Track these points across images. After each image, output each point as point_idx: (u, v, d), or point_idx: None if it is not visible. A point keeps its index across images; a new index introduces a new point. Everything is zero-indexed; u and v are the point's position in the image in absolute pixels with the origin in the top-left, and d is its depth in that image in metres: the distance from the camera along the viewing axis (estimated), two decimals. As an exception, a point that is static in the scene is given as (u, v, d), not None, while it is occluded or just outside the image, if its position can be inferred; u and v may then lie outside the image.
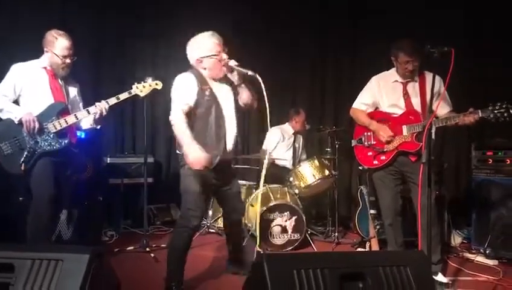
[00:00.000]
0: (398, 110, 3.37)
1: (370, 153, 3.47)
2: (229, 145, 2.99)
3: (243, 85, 3.06)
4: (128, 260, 3.85)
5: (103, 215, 4.70)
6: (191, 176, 2.89)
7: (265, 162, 3.01)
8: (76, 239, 3.89)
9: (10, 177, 3.10)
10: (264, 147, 5.10)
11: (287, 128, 5.33)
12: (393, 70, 3.45)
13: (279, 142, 5.24)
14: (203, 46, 2.93)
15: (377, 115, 3.49)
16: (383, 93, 3.46)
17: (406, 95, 3.35)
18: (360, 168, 4.53)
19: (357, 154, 3.59)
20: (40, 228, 3.03)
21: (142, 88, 3.31)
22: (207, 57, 2.91)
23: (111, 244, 4.31)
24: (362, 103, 3.58)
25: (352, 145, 3.61)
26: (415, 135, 3.25)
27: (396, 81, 3.40)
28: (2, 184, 3.49)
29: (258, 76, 2.82)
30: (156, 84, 3.36)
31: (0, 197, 3.62)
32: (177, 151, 2.99)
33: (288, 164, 5.19)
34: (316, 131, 5.44)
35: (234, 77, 3.04)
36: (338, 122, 5.86)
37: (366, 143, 3.49)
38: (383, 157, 3.39)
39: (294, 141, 5.32)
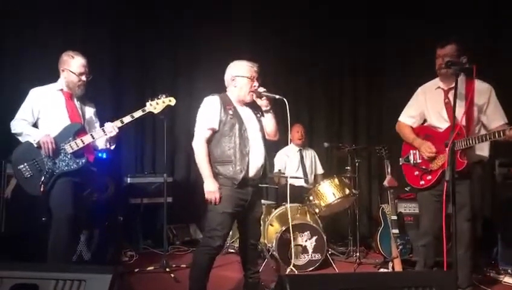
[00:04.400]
0: (444, 122, 3.16)
1: (417, 173, 3.29)
2: (256, 165, 3.03)
3: (270, 112, 3.17)
4: (148, 280, 3.84)
5: (123, 235, 4.73)
6: (221, 196, 2.93)
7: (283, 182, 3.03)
8: (97, 259, 3.91)
9: (33, 198, 3.15)
10: (276, 169, 5.08)
11: (290, 146, 5.31)
12: (438, 79, 3.27)
13: (287, 163, 5.23)
14: (239, 67, 3.10)
15: (423, 130, 3.32)
16: (427, 103, 3.29)
17: (447, 104, 3.14)
18: (407, 189, 4.37)
19: (405, 173, 3.40)
20: (61, 248, 3.06)
21: (155, 105, 3.36)
22: (240, 76, 3.05)
23: (131, 265, 4.31)
24: (408, 116, 3.41)
25: (400, 163, 3.44)
26: (459, 151, 2.98)
27: (439, 87, 3.23)
28: (25, 204, 3.55)
29: (285, 99, 3.02)
30: (170, 100, 3.40)
31: (25, 217, 3.69)
32: None
33: (303, 182, 5.16)
34: (335, 149, 5.41)
35: (263, 103, 3.14)
36: (357, 140, 5.83)
37: (412, 162, 3.31)
38: (429, 177, 3.20)
39: (301, 157, 5.30)
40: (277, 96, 3.08)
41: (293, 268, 3.54)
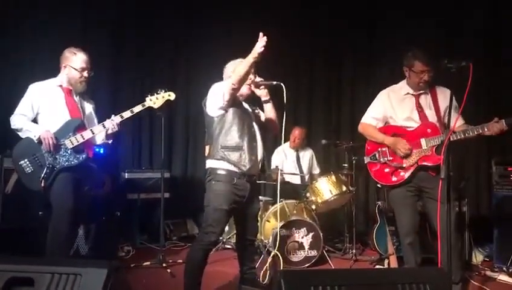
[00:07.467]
0: (414, 123, 3.27)
1: (387, 170, 3.31)
2: (259, 158, 3.07)
3: (270, 102, 3.18)
4: (145, 275, 3.85)
5: (120, 230, 4.74)
6: (218, 192, 2.93)
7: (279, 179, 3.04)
8: (94, 254, 3.91)
9: (31, 192, 3.15)
10: (273, 166, 5.08)
11: (288, 144, 5.32)
12: (403, 83, 3.37)
13: (283, 162, 5.23)
14: (235, 64, 3.09)
15: (391, 129, 3.36)
16: (395, 106, 3.35)
17: (419, 108, 3.26)
18: (379, 185, 4.42)
19: (372, 172, 3.41)
20: (59, 242, 3.06)
21: (155, 100, 3.36)
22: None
23: (127, 260, 4.33)
24: (373, 117, 3.46)
25: (366, 162, 3.44)
26: (434, 148, 3.14)
27: (408, 93, 3.32)
28: (22, 198, 3.55)
29: (282, 84, 3.01)
30: (169, 95, 3.40)
31: (20, 211, 3.69)
32: (207, 166, 3.05)
33: (299, 180, 5.18)
34: (332, 146, 5.42)
35: (262, 93, 3.14)
36: (355, 137, 5.82)
37: (381, 159, 3.34)
38: (402, 173, 3.23)
39: (298, 158, 5.31)
40: (274, 82, 3.07)
41: (277, 252, 3.51)
